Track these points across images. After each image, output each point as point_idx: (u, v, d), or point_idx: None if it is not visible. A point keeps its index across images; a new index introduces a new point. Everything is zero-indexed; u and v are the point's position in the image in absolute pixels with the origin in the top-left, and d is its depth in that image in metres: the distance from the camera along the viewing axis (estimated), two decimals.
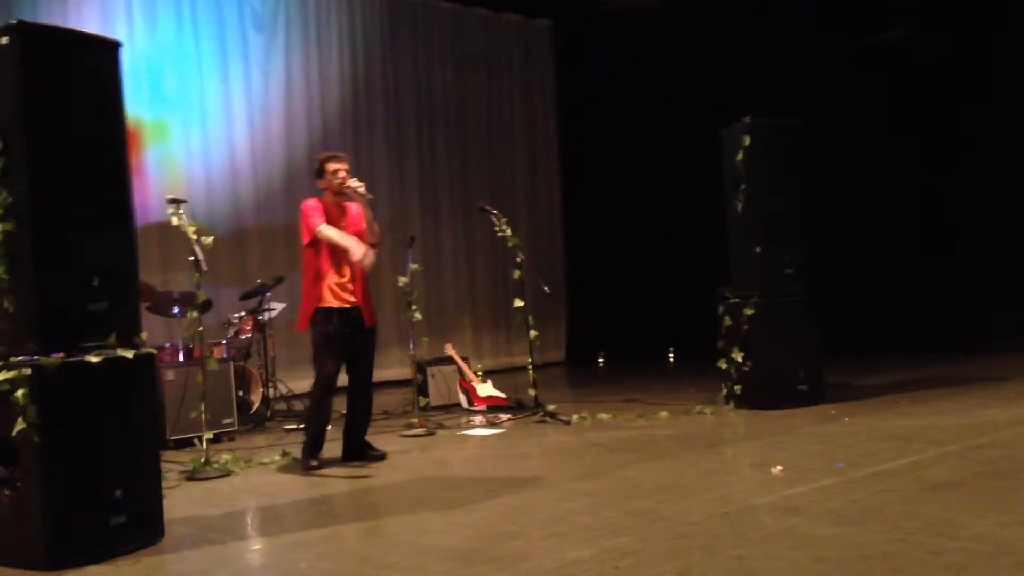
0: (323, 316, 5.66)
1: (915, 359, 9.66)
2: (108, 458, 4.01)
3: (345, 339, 5.69)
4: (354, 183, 5.75)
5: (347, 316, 5.70)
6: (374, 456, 5.90)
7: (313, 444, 5.73)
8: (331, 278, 5.69)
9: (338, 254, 5.69)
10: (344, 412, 6.03)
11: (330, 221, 5.73)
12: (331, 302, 5.67)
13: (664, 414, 7.16)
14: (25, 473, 3.82)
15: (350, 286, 5.73)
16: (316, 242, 5.69)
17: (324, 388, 5.70)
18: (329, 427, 5.89)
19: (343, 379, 5.82)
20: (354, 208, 5.89)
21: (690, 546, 3.69)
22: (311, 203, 5.80)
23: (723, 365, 7.36)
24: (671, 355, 11.86)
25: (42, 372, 3.82)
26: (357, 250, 5.60)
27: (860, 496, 4.32)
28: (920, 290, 10.64)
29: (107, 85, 4.21)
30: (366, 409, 5.97)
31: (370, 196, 5.82)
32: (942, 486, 4.45)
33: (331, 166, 5.81)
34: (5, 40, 3.91)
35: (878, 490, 4.42)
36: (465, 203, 11.45)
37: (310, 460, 5.67)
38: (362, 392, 5.90)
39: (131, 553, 3.97)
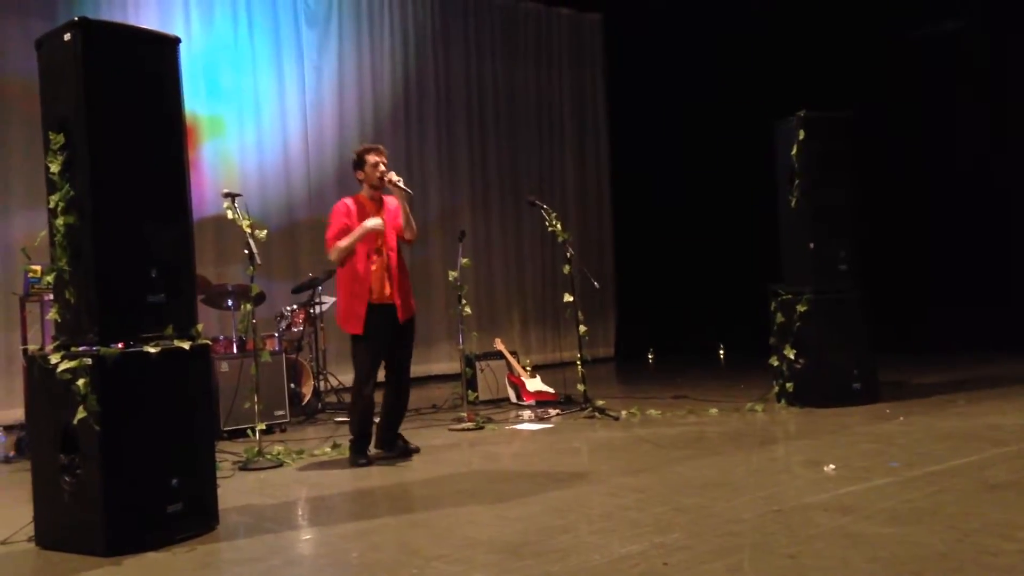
0: (366, 314, 5.63)
1: (972, 357, 9.47)
2: (165, 447, 4.09)
3: (383, 335, 5.68)
4: (394, 176, 5.70)
5: (384, 312, 5.67)
6: (405, 450, 5.88)
7: (360, 439, 5.75)
8: (371, 274, 5.64)
9: (368, 250, 5.64)
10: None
11: (367, 216, 5.68)
12: (369, 299, 5.63)
13: (714, 411, 7.11)
14: (85, 461, 3.91)
15: (386, 282, 5.68)
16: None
17: (363, 383, 5.69)
18: (376, 420, 5.91)
19: (381, 373, 5.80)
20: (392, 203, 5.81)
21: (740, 543, 3.66)
22: (339, 208, 5.71)
23: (775, 362, 7.28)
24: (721, 352, 11.76)
25: (102, 362, 3.91)
26: (370, 223, 5.55)
27: (915, 496, 4.25)
28: (978, 287, 10.43)
29: (166, 81, 4.28)
30: (403, 403, 5.92)
31: (409, 191, 5.73)
32: (1000, 486, 4.36)
33: (371, 158, 5.74)
34: (68, 36, 4.00)
35: (934, 490, 4.34)
36: (515, 197, 11.46)
37: (358, 458, 5.69)
38: (399, 386, 5.87)
39: (186, 540, 4.06)
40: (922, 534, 3.65)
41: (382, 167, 5.72)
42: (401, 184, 5.66)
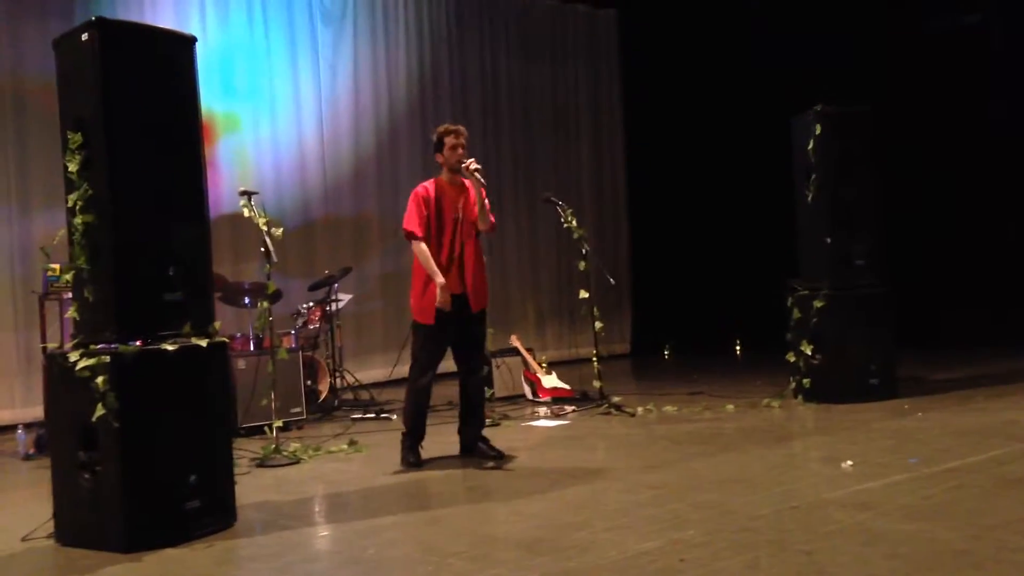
0: (434, 304, 5.37)
1: (990, 353, 9.40)
2: (183, 444, 4.12)
3: (450, 327, 5.44)
4: (473, 164, 5.40)
5: (456, 302, 5.41)
6: (487, 453, 5.59)
7: (411, 434, 5.57)
8: (442, 266, 5.41)
9: (442, 240, 5.44)
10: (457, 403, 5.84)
11: (445, 203, 5.46)
12: (436, 301, 5.37)
13: (731, 407, 7.09)
14: (104, 458, 3.94)
15: (458, 272, 5.46)
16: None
17: (420, 374, 5.50)
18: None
19: (450, 366, 5.64)
20: (471, 187, 5.52)
21: (757, 540, 3.65)
22: (419, 192, 5.47)
23: (791, 358, 7.26)
24: (738, 347, 11.72)
25: (121, 360, 3.94)
26: (438, 281, 5.30)
27: (934, 492, 4.23)
28: (996, 283, 10.35)
29: (183, 79, 4.31)
30: (477, 397, 5.69)
31: (483, 181, 5.40)
32: (1019, 482, 4.34)
33: (450, 140, 5.48)
34: (85, 36, 4.03)
35: (952, 486, 4.32)
36: (530, 194, 11.45)
37: (408, 455, 5.52)
38: (471, 377, 5.65)
39: (204, 537, 4.08)
40: (940, 530, 3.63)
41: (460, 151, 5.48)
42: (478, 174, 5.39)
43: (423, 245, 5.39)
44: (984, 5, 10.48)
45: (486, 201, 5.49)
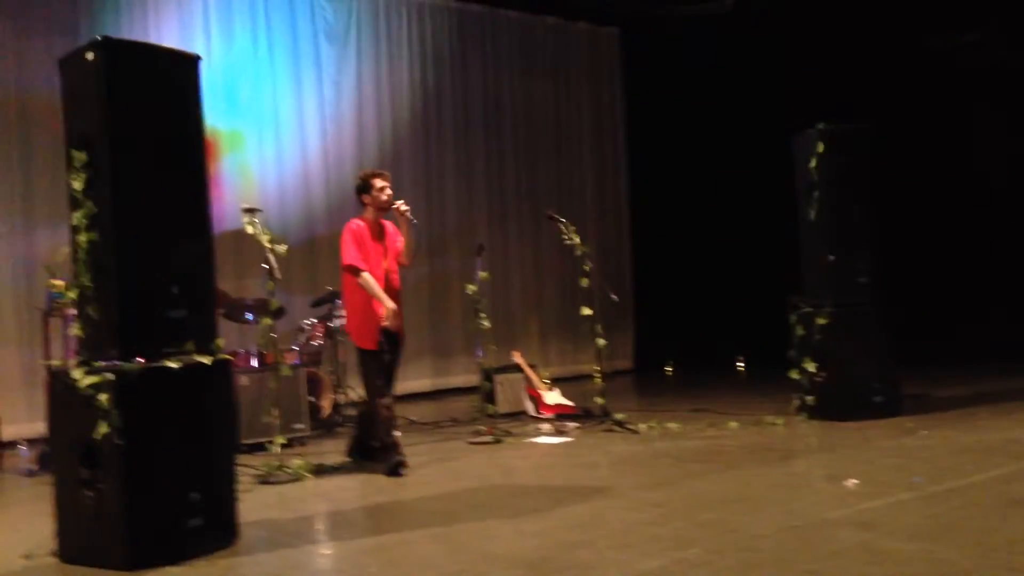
0: (381, 333, 5.79)
1: (994, 371, 9.37)
2: (186, 461, 4.12)
3: (389, 351, 5.87)
4: (402, 206, 5.87)
5: (391, 333, 5.85)
6: (378, 462, 5.88)
7: (391, 447, 5.80)
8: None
9: (375, 272, 5.81)
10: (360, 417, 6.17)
11: (375, 239, 5.89)
12: (380, 318, 5.79)
13: (734, 424, 7.08)
14: (107, 475, 3.94)
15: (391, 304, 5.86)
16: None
17: (380, 396, 5.81)
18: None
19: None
20: (390, 227, 6.02)
21: (761, 559, 3.64)
22: (353, 228, 5.86)
23: (795, 375, 7.24)
24: (740, 365, 11.70)
25: (124, 377, 3.94)
26: (388, 306, 5.73)
27: (938, 511, 4.21)
28: (999, 300, 10.34)
29: (187, 98, 4.33)
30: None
31: (414, 221, 5.93)
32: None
33: (377, 182, 5.93)
34: (91, 55, 4.05)
35: (957, 505, 4.31)
36: (533, 211, 11.46)
37: (392, 457, 5.76)
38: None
39: (207, 555, 4.07)
40: (945, 550, 3.62)
41: (389, 191, 5.92)
42: (408, 214, 5.86)
43: (368, 276, 5.77)
44: (985, 23, 10.51)
45: (412, 239, 5.97)
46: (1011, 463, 5.15)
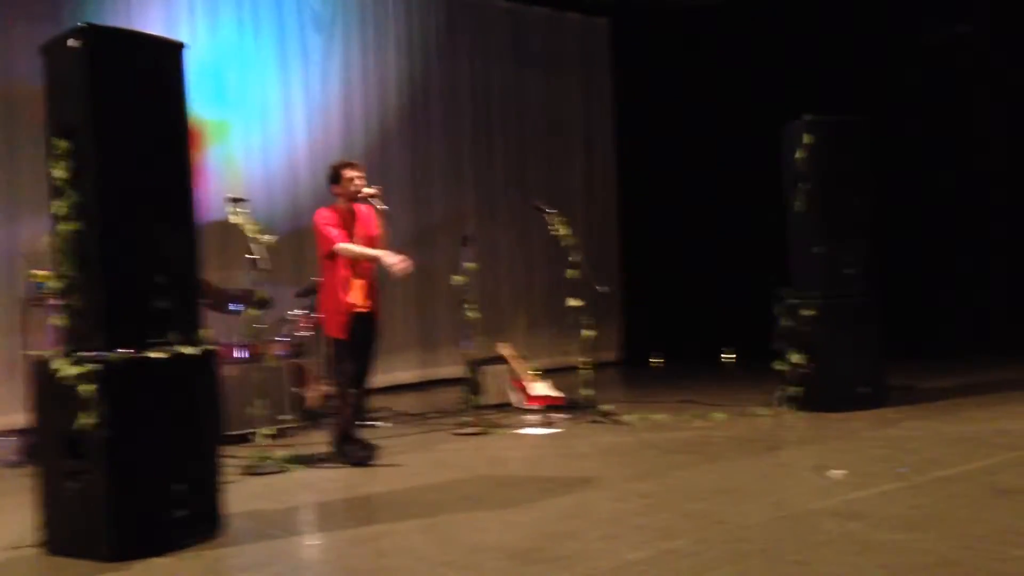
0: (351, 321, 5.80)
1: (980, 362, 9.43)
2: (171, 452, 4.09)
3: (365, 340, 5.86)
4: (368, 191, 5.86)
5: (365, 319, 5.87)
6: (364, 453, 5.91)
7: (346, 440, 5.85)
8: (355, 284, 5.84)
9: (358, 261, 5.83)
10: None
11: (344, 227, 5.87)
12: (358, 308, 5.82)
13: (720, 415, 7.09)
14: (91, 466, 3.90)
15: (367, 291, 5.89)
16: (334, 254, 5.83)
17: (357, 384, 5.85)
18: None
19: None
20: (363, 210, 5.99)
21: (748, 550, 3.64)
22: (325, 214, 5.89)
23: (781, 367, 7.26)
24: (727, 356, 11.72)
25: (109, 367, 3.91)
26: (388, 258, 5.75)
27: (924, 502, 4.23)
28: (985, 291, 10.39)
29: (172, 86, 4.29)
30: (362, 408, 6.11)
31: (385, 207, 5.89)
32: (1010, 492, 4.34)
33: (348, 173, 5.92)
34: (74, 43, 4.00)
35: (943, 496, 4.33)
36: (521, 202, 11.42)
37: (360, 451, 5.81)
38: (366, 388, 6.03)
39: (192, 546, 4.05)
40: (931, 540, 3.63)
41: (359, 182, 5.90)
42: (378, 203, 5.84)
43: (343, 244, 5.76)
44: (975, 15, 10.52)
45: (385, 228, 5.93)
46: (997, 453, 5.18)
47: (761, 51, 11.24)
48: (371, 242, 5.92)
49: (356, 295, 5.83)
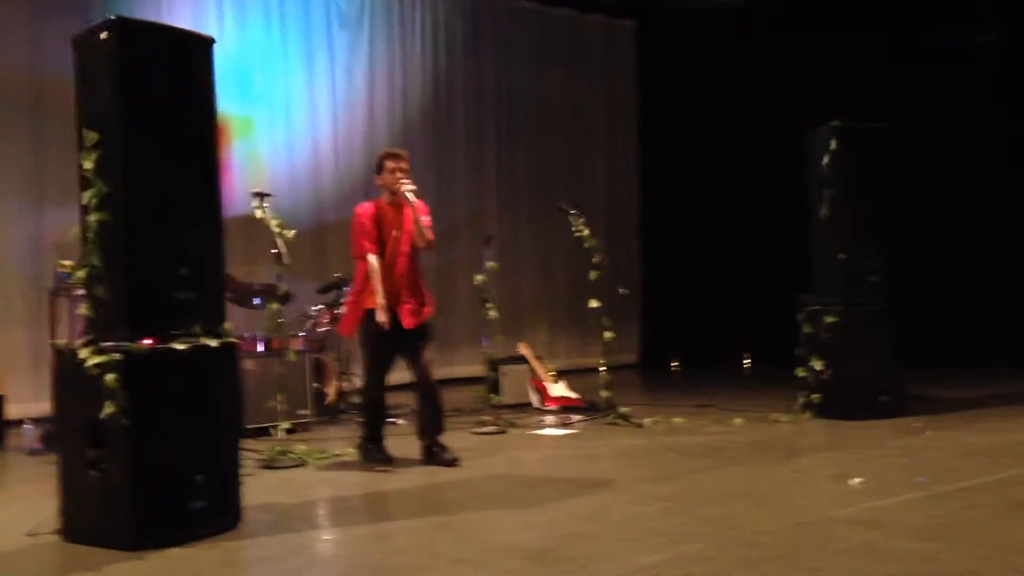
0: (368, 320, 5.62)
1: (1003, 372, 9.34)
2: (191, 443, 4.12)
3: (384, 340, 5.61)
4: (404, 187, 5.59)
5: (392, 319, 5.61)
6: (442, 460, 5.70)
7: (371, 441, 5.81)
8: (377, 287, 5.60)
9: (383, 258, 5.65)
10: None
11: (386, 223, 5.68)
12: (368, 304, 5.62)
13: (739, 421, 7.06)
14: (112, 456, 3.94)
15: (395, 288, 5.65)
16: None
17: (372, 387, 5.75)
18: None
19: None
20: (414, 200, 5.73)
21: (764, 556, 3.62)
22: (362, 216, 5.67)
23: (801, 373, 7.22)
24: (747, 361, 11.67)
25: (131, 358, 3.94)
26: (378, 301, 5.52)
27: (943, 512, 4.20)
28: (1011, 300, 10.29)
29: (200, 80, 4.32)
30: (431, 409, 5.78)
31: (413, 201, 5.58)
32: None
33: (389, 164, 5.72)
34: (104, 35, 4.04)
35: (962, 506, 4.29)
36: (544, 202, 11.41)
37: (379, 454, 5.78)
38: (423, 390, 5.77)
39: (210, 537, 4.07)
40: (949, 551, 3.60)
41: (398, 174, 5.67)
42: (410, 196, 5.57)
43: (373, 259, 5.60)
44: (997, 24, 10.44)
45: (424, 219, 5.62)
46: (1018, 465, 5.12)
47: (785, 54, 11.18)
48: (407, 242, 5.71)
49: (375, 297, 5.59)
